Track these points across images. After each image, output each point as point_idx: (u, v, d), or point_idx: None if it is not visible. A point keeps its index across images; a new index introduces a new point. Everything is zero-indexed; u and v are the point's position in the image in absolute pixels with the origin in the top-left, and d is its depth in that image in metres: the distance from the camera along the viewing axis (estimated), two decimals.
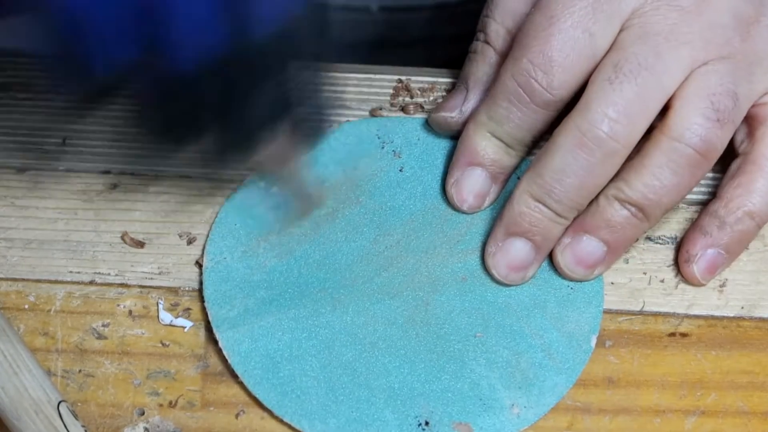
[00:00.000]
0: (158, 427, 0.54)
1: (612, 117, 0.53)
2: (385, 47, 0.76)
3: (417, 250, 0.58)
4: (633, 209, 0.55)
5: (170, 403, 0.55)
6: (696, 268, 0.57)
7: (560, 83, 0.55)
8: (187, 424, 0.54)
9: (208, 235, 0.58)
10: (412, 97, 0.63)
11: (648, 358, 0.56)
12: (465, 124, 0.59)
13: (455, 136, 0.60)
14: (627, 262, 0.58)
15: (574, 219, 0.56)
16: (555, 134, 0.55)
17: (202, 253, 0.58)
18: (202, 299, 0.57)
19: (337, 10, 0.75)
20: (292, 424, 0.54)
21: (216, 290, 0.56)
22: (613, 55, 0.54)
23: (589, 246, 0.56)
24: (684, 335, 0.57)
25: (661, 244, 0.59)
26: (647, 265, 0.58)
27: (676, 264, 0.58)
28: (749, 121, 0.57)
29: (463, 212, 0.59)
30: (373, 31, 0.77)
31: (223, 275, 0.57)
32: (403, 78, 0.63)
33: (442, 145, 0.60)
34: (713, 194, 0.58)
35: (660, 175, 0.54)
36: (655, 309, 0.57)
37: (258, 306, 0.56)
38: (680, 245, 0.58)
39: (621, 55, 0.54)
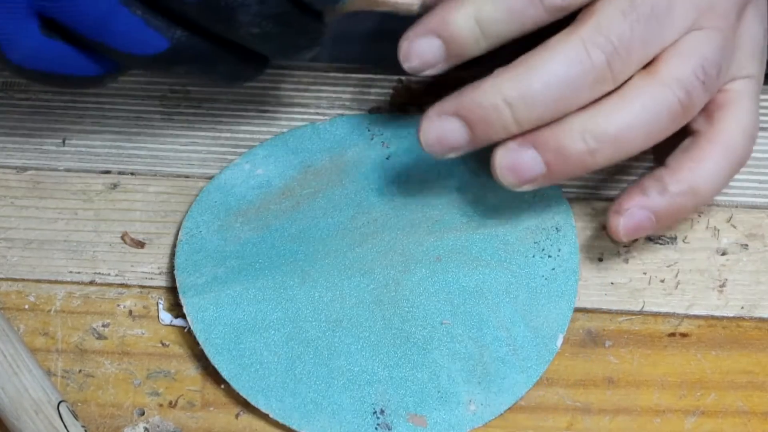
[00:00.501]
0: (158, 427, 0.54)
1: (616, 47, 0.53)
2: (384, 39, 0.76)
3: (394, 228, 0.57)
4: (591, 143, 0.53)
5: (170, 403, 0.55)
6: (622, 222, 0.56)
7: None
8: (187, 424, 0.54)
9: (186, 211, 0.58)
10: (412, 97, 0.63)
11: (648, 358, 0.56)
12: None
13: None
14: (627, 262, 0.58)
15: (530, 131, 0.54)
16: (554, 42, 0.53)
17: (178, 229, 0.58)
18: None
19: None
20: (249, 400, 0.54)
21: (187, 259, 0.56)
22: None
23: (531, 161, 0.54)
24: (684, 335, 0.57)
25: (661, 244, 0.59)
26: (647, 265, 0.58)
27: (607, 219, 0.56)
28: (707, 105, 0.57)
29: (404, 68, 0.56)
30: (372, 22, 0.77)
31: (197, 246, 0.57)
32: (403, 78, 0.63)
33: None
34: None
35: (640, 115, 0.53)
36: (655, 309, 0.57)
37: (227, 274, 0.56)
38: (616, 198, 0.57)
39: None
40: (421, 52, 0.55)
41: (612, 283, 0.58)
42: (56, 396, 0.52)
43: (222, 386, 0.55)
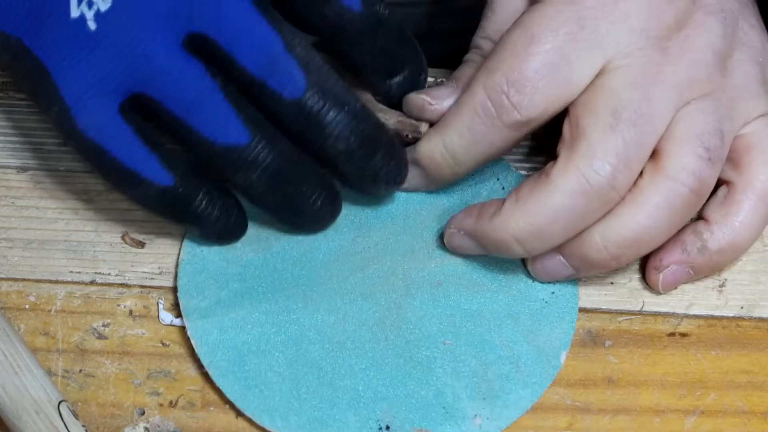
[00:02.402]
0: (158, 427, 0.54)
1: (614, 165, 0.52)
2: None
3: (395, 253, 0.58)
4: (615, 252, 0.54)
5: (170, 402, 0.55)
6: (662, 278, 0.57)
7: (531, 105, 0.54)
8: (188, 424, 0.54)
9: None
10: None
11: (648, 358, 0.56)
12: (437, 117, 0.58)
13: None
14: None
15: None
16: (554, 175, 0.53)
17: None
18: None
19: None
20: (254, 419, 0.54)
21: (190, 281, 0.56)
22: (608, 101, 0.53)
23: (560, 266, 0.56)
24: (683, 335, 0.57)
25: None
26: None
27: (644, 268, 0.58)
28: (731, 154, 0.56)
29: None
30: None
31: (199, 267, 0.57)
32: None
33: None
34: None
35: (655, 215, 0.53)
36: (654, 309, 0.57)
37: (230, 298, 0.56)
38: (654, 251, 0.57)
39: (617, 101, 0.53)
40: (408, 178, 0.57)
41: (612, 283, 0.58)
42: (57, 396, 0.52)
43: None
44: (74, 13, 0.53)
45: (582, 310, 0.57)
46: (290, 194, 0.55)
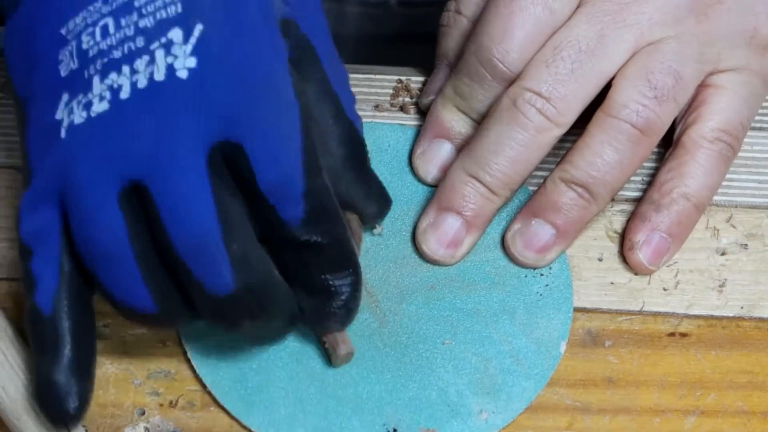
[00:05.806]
0: (159, 427, 0.54)
1: (545, 96, 0.54)
2: (403, 41, 0.77)
3: (385, 260, 0.58)
4: (579, 189, 0.55)
5: (171, 403, 0.55)
6: (641, 255, 0.57)
7: (520, 60, 0.56)
8: (188, 424, 0.54)
9: None
10: (412, 97, 0.63)
11: (648, 358, 0.56)
12: None
13: None
14: (627, 262, 0.58)
15: (523, 207, 0.57)
16: (491, 111, 0.56)
17: None
18: None
19: (354, 5, 0.75)
20: None
21: None
22: (559, 35, 0.55)
23: (538, 230, 0.56)
24: (683, 335, 0.57)
25: None
26: None
27: (622, 253, 0.58)
28: (691, 104, 0.58)
29: (428, 184, 0.59)
30: (392, 25, 0.77)
31: None
32: (403, 78, 0.63)
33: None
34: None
35: (601, 152, 0.55)
36: (654, 309, 0.57)
37: None
38: (623, 236, 0.58)
39: (564, 36, 0.55)
40: (437, 158, 0.59)
41: (612, 283, 0.58)
42: None
43: None
44: (58, 114, 0.49)
45: (582, 310, 0.57)
46: (273, 323, 0.52)
